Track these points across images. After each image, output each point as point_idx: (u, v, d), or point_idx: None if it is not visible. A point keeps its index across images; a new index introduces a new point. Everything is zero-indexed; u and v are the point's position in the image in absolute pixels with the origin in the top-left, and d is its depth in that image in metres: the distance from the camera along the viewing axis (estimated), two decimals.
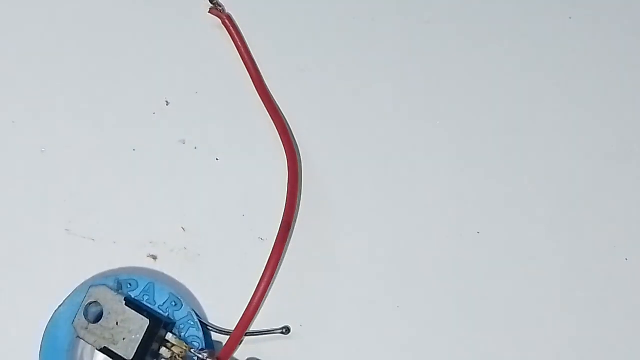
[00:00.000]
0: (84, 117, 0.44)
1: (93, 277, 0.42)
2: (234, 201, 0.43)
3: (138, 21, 0.46)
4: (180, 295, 0.41)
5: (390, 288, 0.42)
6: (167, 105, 0.45)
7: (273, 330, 0.41)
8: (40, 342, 0.40)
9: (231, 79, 0.45)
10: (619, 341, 0.42)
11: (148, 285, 0.41)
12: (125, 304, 0.39)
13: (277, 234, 0.42)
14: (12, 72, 0.45)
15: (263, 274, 0.41)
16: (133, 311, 0.39)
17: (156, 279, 0.41)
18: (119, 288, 0.40)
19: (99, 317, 0.39)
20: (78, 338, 0.39)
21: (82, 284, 0.41)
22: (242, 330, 0.41)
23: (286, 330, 0.41)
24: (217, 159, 0.44)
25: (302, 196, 0.43)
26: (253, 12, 0.46)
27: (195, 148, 0.44)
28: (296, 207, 0.43)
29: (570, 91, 0.45)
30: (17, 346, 0.42)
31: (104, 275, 0.42)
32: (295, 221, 0.43)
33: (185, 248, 0.43)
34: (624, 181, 0.44)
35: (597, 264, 0.43)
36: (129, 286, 0.40)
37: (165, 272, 0.43)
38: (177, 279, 0.43)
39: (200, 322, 0.41)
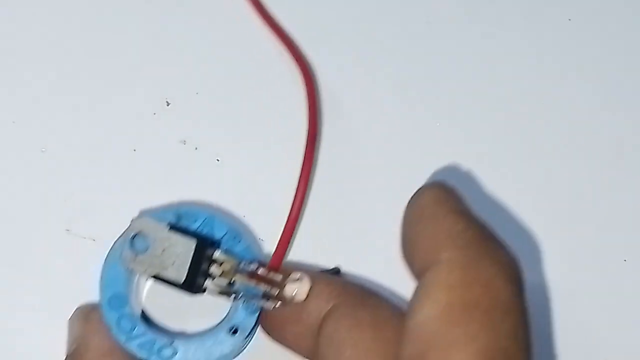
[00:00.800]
0: (84, 117, 0.44)
1: (151, 209, 0.42)
2: (236, 202, 0.43)
3: (138, 21, 0.46)
4: (238, 229, 0.41)
5: None
6: (167, 105, 0.45)
7: (324, 271, 0.41)
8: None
9: (231, 79, 0.45)
10: (619, 342, 0.42)
11: (207, 219, 0.40)
12: (169, 230, 0.39)
13: (304, 148, 0.42)
14: (12, 71, 0.45)
15: (299, 182, 0.41)
16: (178, 235, 0.39)
17: (215, 213, 0.41)
18: (178, 221, 0.40)
19: (145, 248, 0.39)
20: (129, 270, 0.39)
21: (140, 213, 0.41)
22: (289, 234, 0.40)
23: (336, 271, 0.41)
24: (217, 160, 0.44)
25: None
26: None
27: (196, 149, 0.44)
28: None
29: (569, 93, 0.46)
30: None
31: (164, 208, 0.41)
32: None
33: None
34: (623, 182, 0.44)
35: (595, 265, 0.43)
36: (188, 219, 0.40)
37: (224, 207, 0.43)
38: (234, 213, 0.43)
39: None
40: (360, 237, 0.43)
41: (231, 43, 0.46)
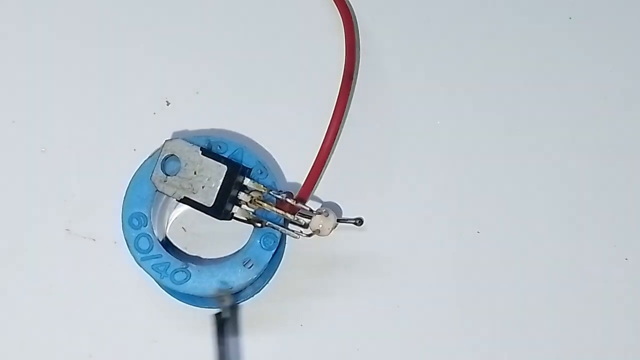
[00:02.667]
0: (84, 117, 0.44)
1: (186, 133, 0.42)
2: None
3: (138, 20, 0.46)
4: (266, 164, 0.41)
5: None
6: (167, 105, 0.45)
7: (346, 220, 0.41)
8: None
9: (232, 78, 0.45)
10: (619, 341, 0.42)
11: (237, 150, 0.41)
12: (202, 154, 0.39)
13: (340, 85, 0.42)
14: (12, 71, 0.45)
15: (331, 120, 0.42)
16: (210, 159, 0.39)
17: (246, 145, 0.41)
18: (209, 148, 0.40)
19: (176, 170, 0.39)
20: (158, 192, 0.40)
21: (173, 136, 0.42)
22: (319, 168, 0.41)
23: (359, 221, 0.41)
24: None
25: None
26: None
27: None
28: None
29: (570, 91, 0.45)
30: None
31: (195, 134, 0.42)
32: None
33: (185, 248, 0.43)
34: (624, 181, 0.44)
35: (596, 263, 0.43)
36: (219, 148, 0.41)
37: (256, 140, 0.43)
38: (265, 147, 0.43)
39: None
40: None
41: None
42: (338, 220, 0.40)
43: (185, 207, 0.40)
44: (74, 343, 0.42)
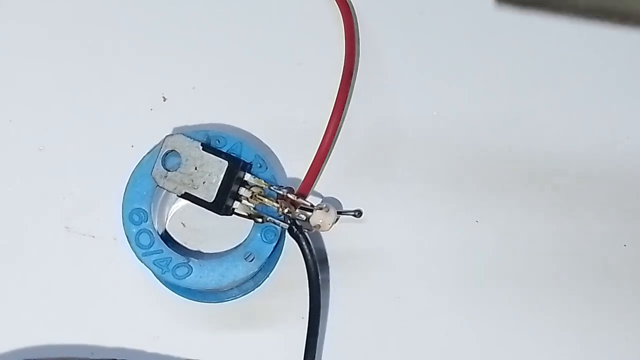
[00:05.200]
0: (81, 114, 0.44)
1: (184, 128, 0.43)
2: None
3: (133, 16, 0.46)
4: (265, 157, 0.41)
5: None
6: (164, 101, 0.45)
7: (346, 212, 0.41)
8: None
9: (229, 73, 0.45)
10: (617, 328, 0.42)
11: (236, 145, 0.41)
12: (202, 149, 0.39)
13: (339, 83, 0.43)
14: (9, 69, 0.45)
15: (331, 114, 0.42)
16: (211, 155, 0.39)
17: (244, 139, 0.41)
18: (208, 143, 0.40)
19: (177, 165, 0.39)
20: (158, 187, 0.40)
21: (173, 131, 0.42)
22: (319, 163, 0.41)
23: (358, 213, 0.41)
24: None
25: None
26: None
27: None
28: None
29: (567, 79, 0.45)
30: None
31: (195, 129, 0.42)
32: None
33: (185, 243, 0.43)
34: (621, 167, 0.44)
35: (595, 249, 0.43)
36: (218, 142, 0.41)
37: (254, 134, 0.44)
38: (264, 141, 0.44)
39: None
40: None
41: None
42: (337, 212, 0.41)
43: (185, 202, 0.40)
44: (75, 341, 0.42)
